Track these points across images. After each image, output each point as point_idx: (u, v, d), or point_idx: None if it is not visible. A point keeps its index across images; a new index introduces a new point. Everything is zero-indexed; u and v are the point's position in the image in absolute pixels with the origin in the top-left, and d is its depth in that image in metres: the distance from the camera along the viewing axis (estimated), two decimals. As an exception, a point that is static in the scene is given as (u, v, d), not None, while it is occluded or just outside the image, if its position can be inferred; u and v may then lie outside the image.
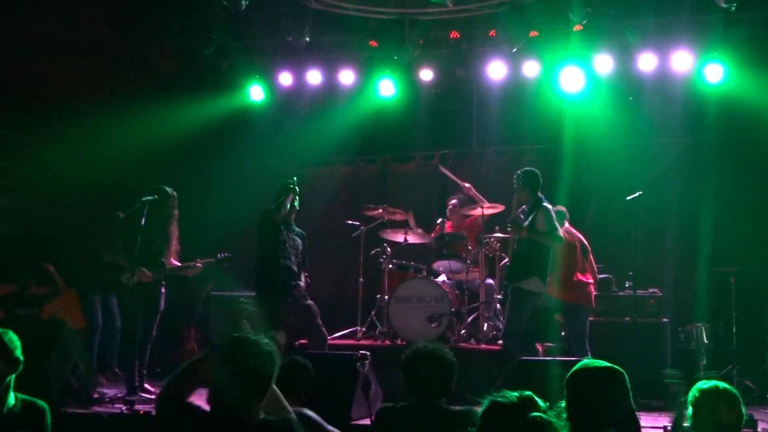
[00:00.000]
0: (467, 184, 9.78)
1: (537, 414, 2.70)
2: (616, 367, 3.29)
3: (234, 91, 11.17)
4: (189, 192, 8.59)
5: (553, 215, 7.77)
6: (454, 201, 10.00)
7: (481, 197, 9.63)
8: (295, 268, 8.15)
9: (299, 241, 8.34)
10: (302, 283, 8.17)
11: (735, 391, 3.94)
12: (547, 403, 2.83)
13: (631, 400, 3.25)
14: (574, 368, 3.31)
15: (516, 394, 2.78)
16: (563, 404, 3.38)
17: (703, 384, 3.98)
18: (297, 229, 8.43)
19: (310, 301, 8.15)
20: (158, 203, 7.80)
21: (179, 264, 8.01)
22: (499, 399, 2.77)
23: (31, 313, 8.96)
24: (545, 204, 7.78)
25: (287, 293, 7.98)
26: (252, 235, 8.55)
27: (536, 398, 2.78)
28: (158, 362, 8.89)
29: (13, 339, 4.50)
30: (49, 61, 10.29)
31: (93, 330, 8.75)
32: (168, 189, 8.01)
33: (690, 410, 3.96)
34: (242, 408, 3.15)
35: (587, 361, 3.33)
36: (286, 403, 3.48)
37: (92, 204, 9.45)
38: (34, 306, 9.04)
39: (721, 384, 3.96)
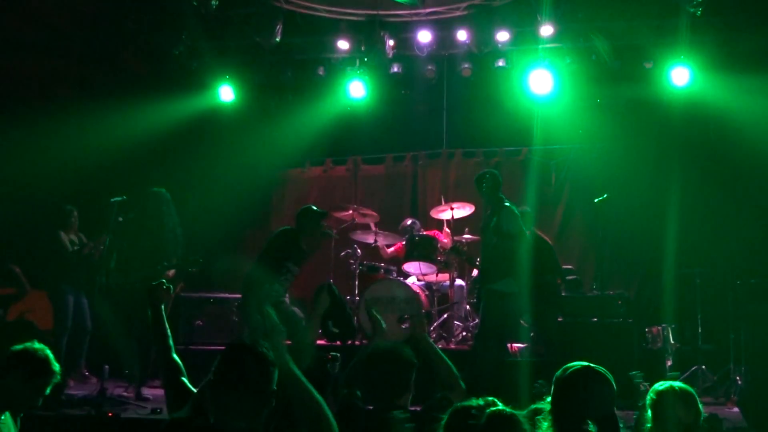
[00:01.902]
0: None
1: (496, 408, 2.74)
2: (602, 368, 3.33)
3: (204, 92, 11.11)
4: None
5: (518, 215, 7.84)
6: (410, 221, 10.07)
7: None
8: None
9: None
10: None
11: (691, 390, 4.02)
12: (511, 405, 2.86)
13: (614, 401, 3.29)
14: (564, 367, 3.34)
15: (480, 400, 2.82)
16: (538, 405, 3.42)
17: (660, 386, 4.05)
18: None
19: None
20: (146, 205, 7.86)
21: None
22: (462, 403, 2.82)
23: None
24: (507, 204, 7.84)
25: None
26: (224, 236, 8.53)
27: (497, 401, 2.82)
28: (126, 364, 8.86)
29: (46, 351, 4.41)
30: (16, 60, 10.18)
31: (61, 331, 8.67)
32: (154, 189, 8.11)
33: (649, 412, 4.03)
34: (233, 424, 3.03)
35: (576, 362, 3.36)
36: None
37: (60, 204, 9.35)
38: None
39: (677, 384, 4.04)
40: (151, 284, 4.55)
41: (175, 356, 4.25)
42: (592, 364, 3.34)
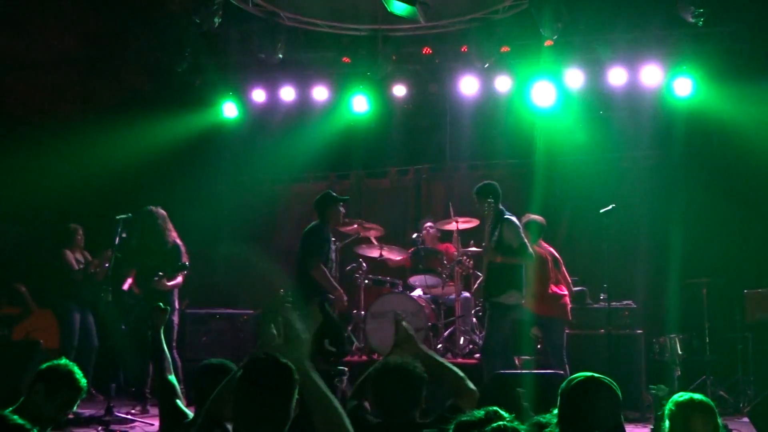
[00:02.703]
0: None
1: (500, 423, 2.73)
2: (607, 379, 3.31)
3: (207, 108, 11.15)
4: (162, 209, 8.56)
5: (519, 227, 7.81)
6: (429, 223, 10.00)
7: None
8: None
9: None
10: None
11: (711, 403, 3.97)
12: (513, 415, 2.84)
13: (621, 411, 3.28)
14: (568, 379, 3.33)
15: (482, 411, 2.81)
16: (544, 418, 3.40)
17: (679, 396, 4.01)
18: None
19: None
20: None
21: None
22: (464, 418, 2.82)
23: (2, 334, 8.88)
24: (508, 216, 7.81)
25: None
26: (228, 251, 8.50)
27: (501, 412, 2.81)
28: (132, 381, 8.85)
29: (71, 367, 4.43)
30: (20, 77, 10.22)
31: (68, 349, 8.65)
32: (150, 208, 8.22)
33: (667, 424, 4.00)
34: None
35: (580, 373, 3.34)
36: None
37: (65, 222, 9.36)
38: (4, 326, 8.95)
39: (697, 396, 3.99)
40: (152, 307, 4.59)
41: (171, 378, 4.27)
42: (596, 374, 3.32)
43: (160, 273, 7.96)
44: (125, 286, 8.23)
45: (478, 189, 8.01)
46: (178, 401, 4.21)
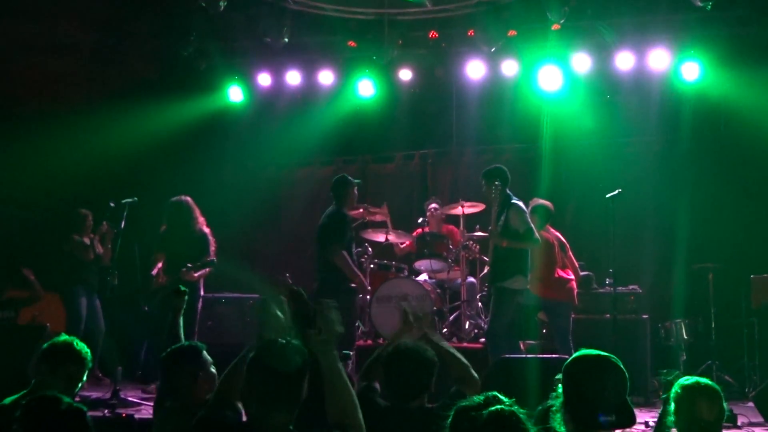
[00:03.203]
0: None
1: (498, 407, 2.73)
2: (611, 356, 3.29)
3: (213, 93, 11.15)
4: (168, 194, 8.59)
5: (526, 211, 7.80)
6: (434, 205, 9.98)
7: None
8: None
9: None
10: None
11: (717, 387, 3.97)
12: (513, 399, 2.84)
13: (627, 389, 3.25)
14: (571, 357, 3.30)
15: (482, 396, 2.82)
16: (549, 403, 3.39)
17: (686, 380, 4.01)
18: None
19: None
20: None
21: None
22: (464, 403, 2.82)
23: (8, 317, 8.93)
24: (515, 201, 7.80)
25: None
26: (234, 236, 8.48)
27: (500, 396, 2.81)
28: (140, 366, 8.89)
29: (70, 339, 4.48)
30: (26, 63, 10.21)
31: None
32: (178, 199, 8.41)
33: (672, 406, 4.00)
34: (263, 419, 3.07)
35: (583, 351, 3.32)
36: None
37: (71, 207, 9.39)
38: (11, 310, 8.99)
39: (703, 380, 3.99)
40: (172, 289, 4.63)
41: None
42: (602, 352, 3.30)
43: (189, 265, 7.98)
44: (153, 271, 8.27)
45: (486, 172, 8.00)
46: None
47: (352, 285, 7.99)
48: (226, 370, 3.54)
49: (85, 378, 4.48)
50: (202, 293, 8.27)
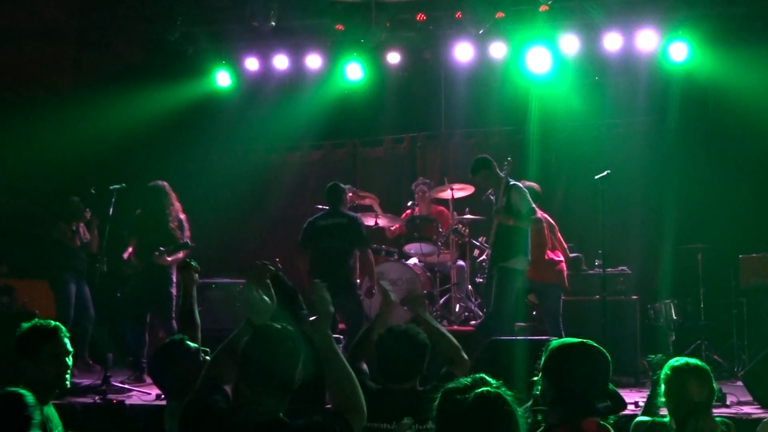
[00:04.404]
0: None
1: (485, 389, 2.74)
2: (591, 342, 3.31)
3: (200, 77, 11.07)
4: (156, 179, 8.54)
5: (526, 192, 7.82)
6: (422, 186, 9.98)
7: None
8: None
9: None
10: None
11: (706, 367, 3.99)
12: (500, 381, 2.85)
13: (608, 377, 3.28)
14: (550, 347, 3.32)
15: (469, 378, 2.83)
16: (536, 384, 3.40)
17: (675, 361, 4.03)
18: None
19: None
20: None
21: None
22: (451, 385, 2.83)
23: (6, 302, 8.93)
24: (514, 182, 7.82)
25: None
26: (222, 221, 8.45)
27: (487, 378, 2.82)
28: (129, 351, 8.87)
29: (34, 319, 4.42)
30: (10, 48, 10.13)
31: (64, 320, 8.65)
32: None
33: (662, 388, 4.02)
34: (254, 405, 3.05)
35: (562, 340, 3.34)
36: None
37: (59, 193, 9.34)
38: (4, 295, 8.99)
39: (692, 361, 4.02)
40: (181, 265, 4.58)
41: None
42: (586, 340, 3.32)
43: (161, 248, 7.96)
44: (125, 255, 8.25)
45: (471, 169, 8.05)
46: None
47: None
48: (213, 354, 3.50)
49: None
50: (174, 279, 8.20)
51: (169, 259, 8.05)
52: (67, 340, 4.11)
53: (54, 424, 3.96)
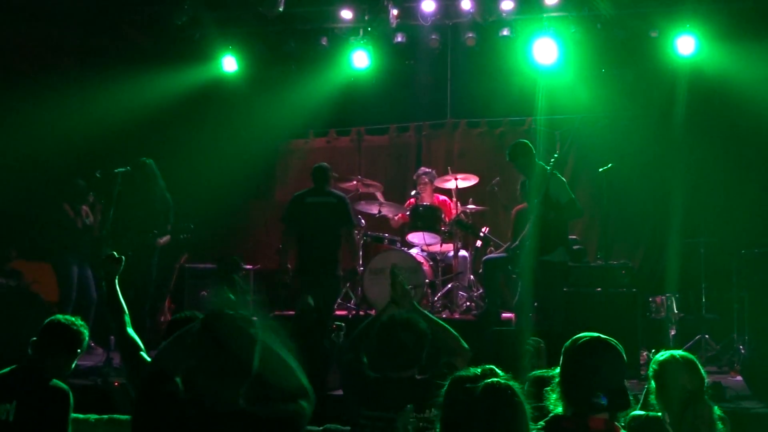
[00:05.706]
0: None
1: (493, 380, 2.75)
2: (613, 340, 3.29)
3: (206, 62, 11.04)
4: (161, 164, 8.57)
5: (565, 182, 7.78)
6: (424, 176, 9.97)
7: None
8: None
9: None
10: None
11: (692, 357, 4.02)
12: (510, 374, 2.86)
13: (624, 374, 3.27)
14: (574, 338, 3.29)
15: (479, 368, 2.84)
16: (538, 373, 3.40)
17: (661, 356, 4.05)
18: None
19: None
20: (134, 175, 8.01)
21: None
22: (461, 373, 2.84)
23: (13, 285, 8.97)
24: (554, 172, 7.76)
25: None
26: (227, 206, 8.46)
27: (497, 369, 2.83)
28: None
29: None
30: (16, 30, 10.11)
31: (66, 303, 8.70)
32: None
33: (653, 383, 4.03)
34: (210, 394, 2.99)
35: (586, 333, 3.32)
36: None
37: (64, 175, 9.35)
38: (13, 278, 9.05)
39: (677, 352, 4.05)
40: (106, 256, 4.49)
41: (130, 331, 4.19)
42: (602, 336, 3.30)
43: (155, 231, 7.97)
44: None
45: (507, 153, 8.01)
46: (142, 353, 4.15)
47: None
48: (164, 342, 3.30)
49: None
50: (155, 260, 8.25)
51: (161, 240, 8.11)
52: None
53: None
